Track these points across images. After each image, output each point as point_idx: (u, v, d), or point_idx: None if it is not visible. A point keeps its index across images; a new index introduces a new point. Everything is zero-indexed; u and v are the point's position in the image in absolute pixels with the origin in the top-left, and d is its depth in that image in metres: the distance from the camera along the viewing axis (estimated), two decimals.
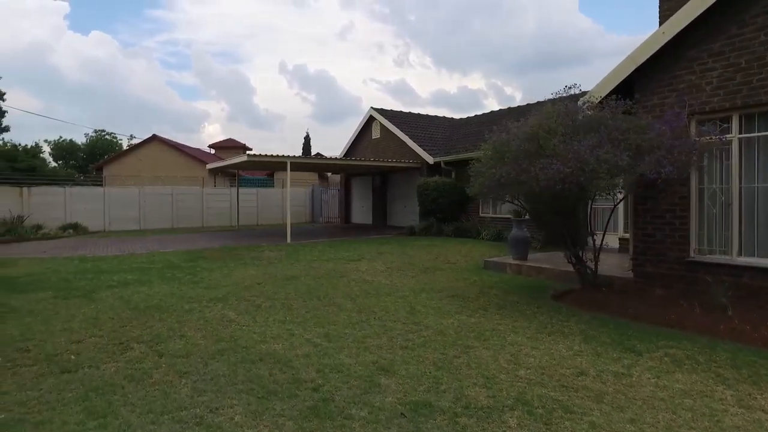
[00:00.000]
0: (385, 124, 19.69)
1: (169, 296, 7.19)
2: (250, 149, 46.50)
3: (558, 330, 5.64)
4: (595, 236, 7.66)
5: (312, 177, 39.01)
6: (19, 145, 38.62)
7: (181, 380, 3.98)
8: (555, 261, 10.12)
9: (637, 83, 7.39)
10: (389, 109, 20.93)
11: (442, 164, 17.28)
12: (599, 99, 7.41)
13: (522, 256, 10.35)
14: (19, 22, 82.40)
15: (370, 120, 20.94)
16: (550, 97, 7.49)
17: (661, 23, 7.30)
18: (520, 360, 4.65)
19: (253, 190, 24.32)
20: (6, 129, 21.78)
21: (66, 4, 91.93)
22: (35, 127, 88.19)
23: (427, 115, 21.89)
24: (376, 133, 20.69)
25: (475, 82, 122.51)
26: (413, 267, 10.37)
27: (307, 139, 57.21)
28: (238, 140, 49.21)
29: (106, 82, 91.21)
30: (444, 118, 22.44)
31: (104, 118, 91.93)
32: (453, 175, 17.30)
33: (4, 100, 21.34)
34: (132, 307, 6.44)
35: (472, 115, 21.51)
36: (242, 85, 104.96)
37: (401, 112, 21.11)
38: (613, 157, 5.73)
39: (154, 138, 32.51)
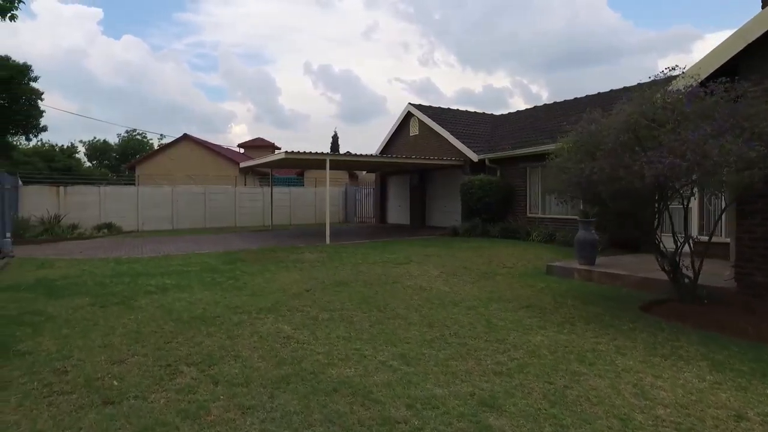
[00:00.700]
0: (425, 121, 18.85)
1: (213, 305, 6.53)
2: (279, 148, 46.38)
3: (672, 352, 4.74)
4: (679, 238, 6.68)
5: (342, 176, 38.48)
6: (56, 145, 39.22)
7: (245, 418, 3.25)
8: (628, 266, 9.14)
9: (746, 63, 6.39)
10: (428, 105, 20.09)
11: (487, 162, 16.35)
12: (698, 82, 6.44)
13: (589, 261, 9.39)
14: (57, 29, 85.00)
15: (408, 117, 20.13)
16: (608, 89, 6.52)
17: None
18: (648, 393, 3.78)
19: (286, 189, 23.81)
20: (44, 129, 21.94)
21: (100, 10, 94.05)
22: (71, 128, 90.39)
23: (466, 111, 20.99)
24: (414, 130, 19.87)
25: (500, 80, 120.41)
26: (469, 272, 9.53)
27: (335, 138, 56.79)
28: (267, 139, 49.23)
29: (138, 85, 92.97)
30: (484, 114, 21.49)
31: (136, 120, 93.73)
32: (498, 174, 16.37)
33: (42, 100, 21.39)
34: (175, 318, 5.79)
35: (513, 111, 20.50)
36: (268, 85, 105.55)
37: (440, 108, 20.25)
38: (740, 148, 4.79)
39: (185, 137, 32.40)
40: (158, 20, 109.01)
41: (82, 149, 47.34)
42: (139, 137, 50.64)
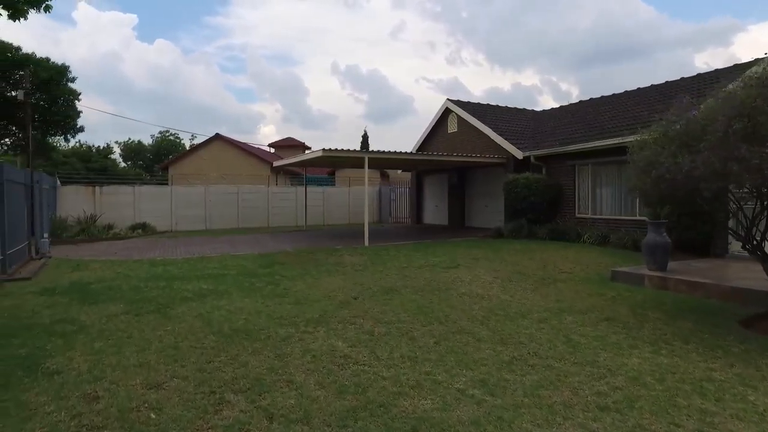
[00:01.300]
0: (464, 117, 18.03)
1: (255, 315, 5.96)
2: (309, 148, 46.22)
3: None
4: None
5: (375, 176, 37.91)
6: (93, 146, 39.92)
7: None
8: (706, 273, 8.20)
9: None
10: (466, 101, 19.26)
11: (532, 159, 15.44)
12: None
13: (661, 267, 8.48)
14: (95, 35, 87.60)
15: (446, 113, 19.34)
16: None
17: None
18: None
19: (320, 189, 23.34)
20: (81, 129, 22.09)
21: (135, 16, 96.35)
22: (106, 130, 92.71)
23: (506, 107, 20.05)
24: (452, 127, 19.07)
25: (529, 78, 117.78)
26: (525, 277, 8.75)
27: (365, 137, 56.33)
28: (298, 139, 49.14)
29: (170, 88, 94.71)
30: (525, 110, 20.52)
31: (169, 122, 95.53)
32: (543, 172, 15.45)
33: (79, 101, 21.48)
34: (215, 331, 5.23)
35: (557, 106, 19.47)
36: (296, 86, 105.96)
37: (479, 104, 19.40)
38: None
39: (217, 137, 32.37)
40: (189, 24, 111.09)
41: (117, 150, 48.28)
42: (171, 138, 51.28)
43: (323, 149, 12.92)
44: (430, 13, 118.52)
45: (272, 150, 44.99)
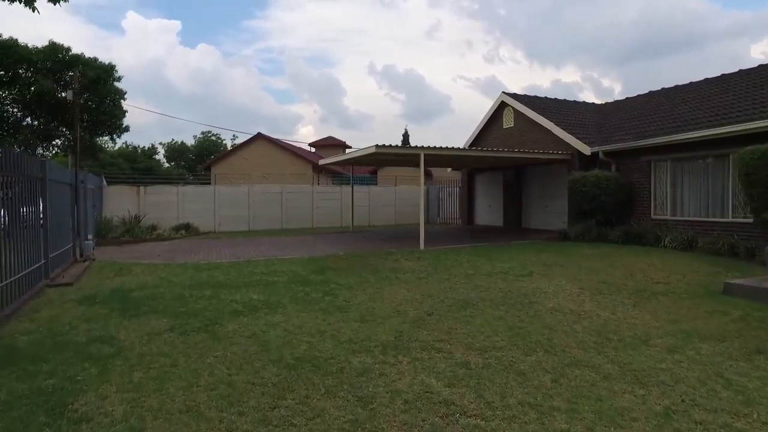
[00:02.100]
0: (522, 111, 16.75)
1: (318, 336, 5.04)
2: (350, 147, 45.62)
3: None
4: None
5: (418, 174, 36.87)
6: (138, 146, 40.57)
7: None
8: None
9: None
10: (523, 94, 17.94)
11: (601, 155, 14.05)
12: None
13: None
14: (142, 42, 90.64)
15: (501, 107, 18.08)
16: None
17: None
18: None
19: (365, 188, 22.48)
20: (126, 129, 22.00)
21: (178, 22, 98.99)
22: (151, 131, 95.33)
23: (565, 100, 18.61)
24: (508, 122, 17.81)
25: (570, 75, 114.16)
26: (616, 288, 7.55)
27: (405, 136, 55.43)
28: (338, 138, 48.67)
29: (211, 90, 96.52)
30: (585, 103, 19.02)
31: (209, 122, 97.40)
32: (613, 169, 14.04)
33: (125, 100, 21.40)
34: (275, 359, 4.33)
35: (623, 98, 17.88)
36: (333, 87, 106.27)
37: (537, 97, 18.03)
38: None
39: (259, 136, 32.08)
40: (229, 28, 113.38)
41: (161, 150, 49.07)
42: (213, 138, 51.77)
43: (376, 146, 11.99)
44: (467, 11, 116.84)
45: (313, 149, 44.64)
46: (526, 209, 17.74)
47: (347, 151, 42.39)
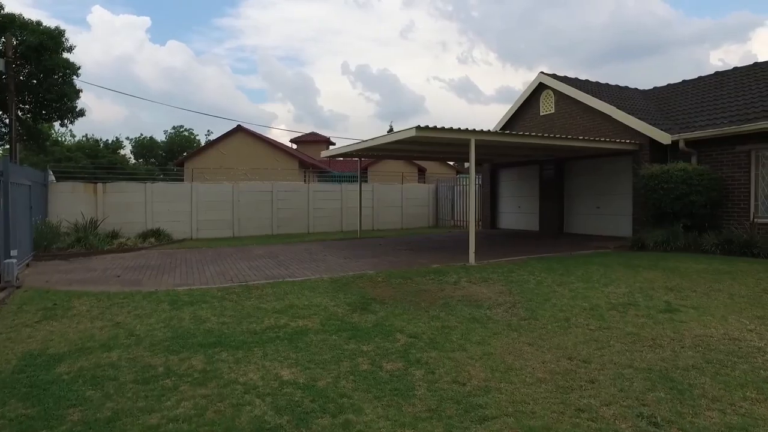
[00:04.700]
0: (569, 94, 13.96)
1: None
2: (333, 143, 42.51)
3: None
4: None
5: (409, 170, 33.94)
6: (100, 140, 36.21)
7: None
8: None
9: None
10: (563, 75, 15.11)
11: (682, 145, 11.35)
12: None
13: None
14: (109, 38, 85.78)
15: (539, 91, 15.23)
16: None
17: None
18: None
19: (368, 186, 19.34)
20: (81, 113, 18.08)
21: (148, 18, 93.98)
22: (119, 127, 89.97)
23: (607, 84, 15.89)
24: (547, 108, 14.99)
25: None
26: None
27: (390, 131, 52.59)
28: (322, 134, 45.45)
29: (183, 89, 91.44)
30: (629, 88, 16.33)
31: (182, 122, 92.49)
32: (694, 161, 11.37)
33: (78, 76, 17.49)
34: None
35: (679, 81, 15.27)
36: (307, 87, 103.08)
37: (578, 79, 15.26)
38: None
39: (239, 129, 28.59)
40: (200, 26, 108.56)
41: (128, 146, 44.69)
42: (186, 133, 47.61)
43: (417, 127, 8.97)
44: (441, 12, 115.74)
45: (294, 146, 41.28)
46: (570, 211, 14.94)
47: (337, 145, 38.78)
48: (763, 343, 4.66)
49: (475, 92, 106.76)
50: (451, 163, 40.67)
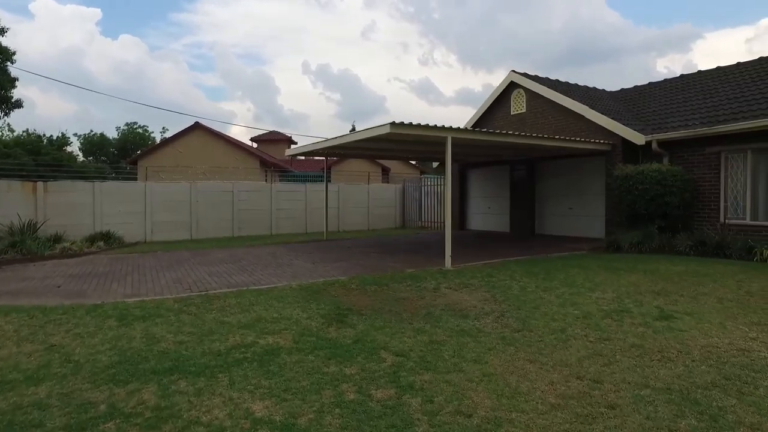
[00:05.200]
0: (541, 93, 13.78)
1: None
2: (295, 143, 41.59)
3: None
4: None
5: (374, 170, 33.42)
6: (44, 135, 33.79)
7: None
8: None
9: None
10: (534, 74, 14.92)
11: (655, 146, 11.30)
12: None
13: None
14: (55, 29, 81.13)
15: (509, 90, 14.99)
16: None
17: None
18: None
19: (334, 186, 18.66)
20: (18, 104, 16.49)
21: (98, 10, 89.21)
22: (66, 123, 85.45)
23: (577, 84, 15.85)
24: (518, 107, 14.77)
25: (501, 79, 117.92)
26: None
27: (353, 131, 51.94)
28: (284, 133, 44.34)
29: (137, 85, 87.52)
30: (596, 89, 16.35)
31: (136, 119, 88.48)
32: (665, 162, 11.35)
33: (13, 62, 15.96)
34: None
35: (645, 83, 15.40)
36: (267, 85, 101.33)
37: (549, 78, 15.13)
38: None
39: (196, 126, 27.23)
40: (155, 20, 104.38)
41: (76, 143, 42.08)
42: (140, 130, 45.32)
43: (392, 123, 8.44)
44: (402, 13, 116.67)
45: (255, 144, 40.01)
46: (541, 212, 14.77)
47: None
48: (747, 347, 4.41)
49: (435, 93, 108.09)
50: (414, 162, 40.42)
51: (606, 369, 4.00)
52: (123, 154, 39.70)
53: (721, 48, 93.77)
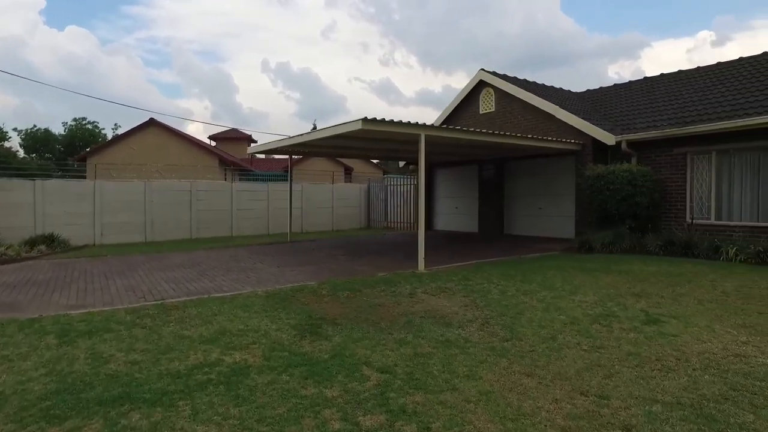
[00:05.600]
0: (510, 92, 13.65)
1: None
2: (255, 141, 40.61)
3: None
4: None
5: (337, 169, 32.84)
6: None
7: None
8: None
9: None
10: (503, 74, 14.78)
11: (624, 146, 11.34)
12: None
13: None
14: None
15: (479, 88, 14.81)
16: None
17: None
18: None
19: (297, 186, 18.01)
20: None
21: None
22: (7, 119, 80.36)
23: (544, 84, 15.86)
24: (487, 106, 14.62)
25: (460, 81, 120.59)
26: None
27: (315, 129, 51.09)
28: (243, 131, 43.11)
29: (86, 79, 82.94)
30: (562, 89, 16.44)
31: (86, 115, 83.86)
32: (634, 163, 11.41)
33: None
34: None
35: (616, 83, 15.59)
36: (225, 83, 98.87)
37: (517, 78, 15.04)
38: None
39: (151, 123, 25.91)
40: (105, 12, 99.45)
41: (16, 139, 39.41)
42: (89, 126, 42.90)
43: (363, 119, 8.00)
44: (363, 14, 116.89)
45: (213, 143, 38.65)
46: (510, 212, 14.67)
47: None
48: (742, 352, 4.27)
49: (396, 94, 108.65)
50: (376, 161, 40.06)
51: (608, 382, 3.71)
52: (70, 152, 37.44)
53: (665, 57, 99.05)
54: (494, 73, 14.38)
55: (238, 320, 5.41)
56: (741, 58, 12.36)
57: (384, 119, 8.25)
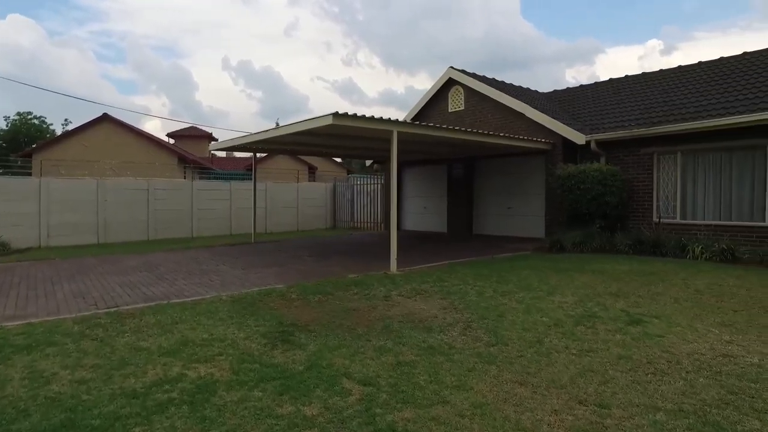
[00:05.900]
0: (480, 90, 13.55)
1: None
2: (216, 139, 39.42)
3: None
4: None
5: (301, 168, 32.21)
6: None
7: None
8: None
9: None
10: (472, 72, 14.66)
11: (593, 146, 11.40)
12: None
13: None
14: None
15: (447, 86, 14.64)
16: None
17: None
18: None
19: (261, 185, 17.38)
20: None
21: None
22: None
23: (512, 84, 15.86)
24: (455, 105, 14.47)
25: (423, 82, 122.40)
26: None
27: (280, 125, 50.12)
28: (204, 129, 41.88)
29: (32, 73, 78.28)
30: (529, 89, 16.51)
31: (32, 109, 79.16)
32: (602, 162, 11.50)
33: None
34: None
35: (576, 85, 15.77)
36: (184, 80, 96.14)
37: (486, 77, 14.96)
38: None
39: (104, 118, 24.62)
40: (53, 2, 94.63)
41: None
42: (36, 121, 40.51)
43: (334, 114, 7.64)
44: (327, 13, 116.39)
45: (171, 140, 37.29)
46: (479, 212, 14.58)
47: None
48: (755, 358, 4.15)
49: (359, 94, 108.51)
50: (339, 160, 39.55)
51: (605, 389, 3.50)
52: (14, 148, 35.23)
53: (619, 63, 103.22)
54: (464, 72, 14.26)
55: (202, 328, 4.96)
56: (700, 63, 12.68)
57: (356, 114, 7.91)
